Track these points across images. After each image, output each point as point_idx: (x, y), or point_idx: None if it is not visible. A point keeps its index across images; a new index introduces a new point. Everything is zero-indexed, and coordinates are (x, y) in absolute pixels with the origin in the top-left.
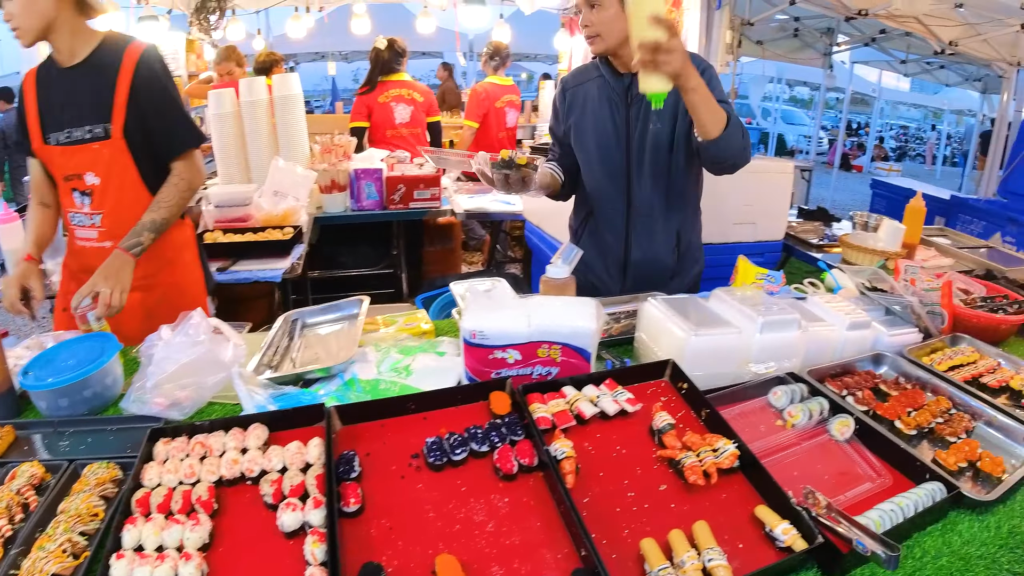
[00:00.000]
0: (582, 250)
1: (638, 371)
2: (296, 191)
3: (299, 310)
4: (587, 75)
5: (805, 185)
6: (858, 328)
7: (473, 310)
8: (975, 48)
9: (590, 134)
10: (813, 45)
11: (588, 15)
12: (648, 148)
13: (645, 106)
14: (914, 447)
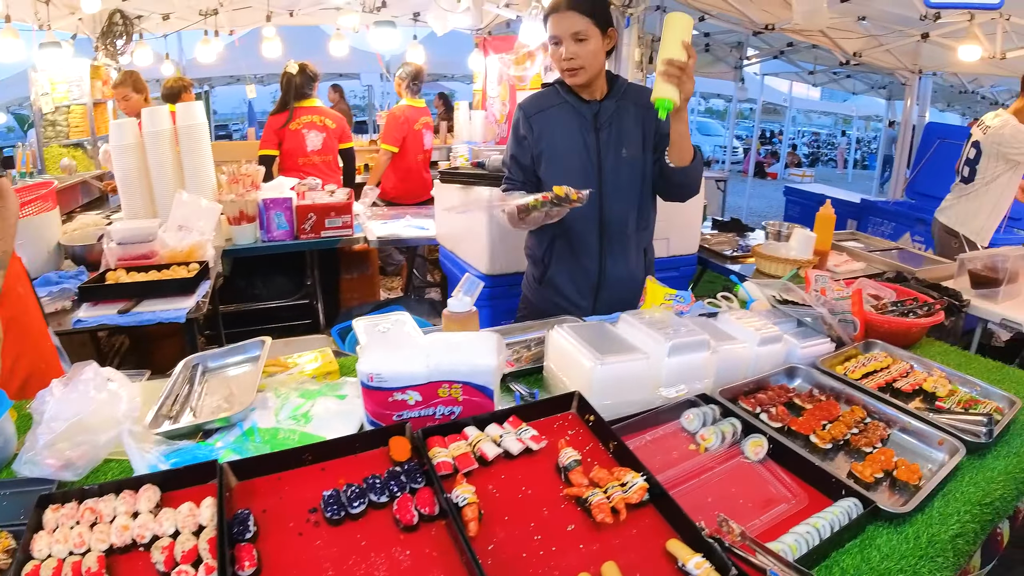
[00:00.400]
0: (482, 283)
1: (544, 405)
2: (201, 225)
3: (200, 354)
4: (548, 101)
5: (721, 195)
6: (770, 343)
7: (369, 352)
8: (879, 58)
9: (562, 159)
10: (724, 59)
11: (574, 48)
12: (620, 170)
13: (615, 131)
14: (830, 460)
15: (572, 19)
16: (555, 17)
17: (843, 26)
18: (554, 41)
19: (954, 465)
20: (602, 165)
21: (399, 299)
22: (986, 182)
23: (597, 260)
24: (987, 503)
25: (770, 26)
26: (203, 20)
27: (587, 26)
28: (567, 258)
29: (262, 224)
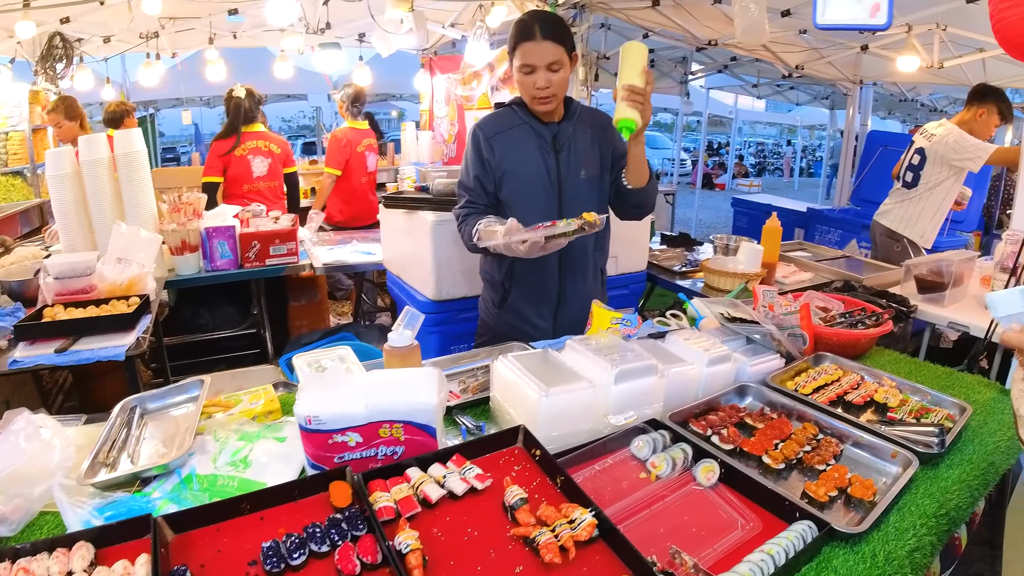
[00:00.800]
0: (423, 315)
1: (489, 441)
2: (141, 256)
3: (139, 396)
4: (507, 122)
5: (670, 208)
6: (719, 363)
7: (306, 393)
8: (820, 70)
9: (526, 180)
10: (669, 74)
11: (548, 76)
12: (579, 192)
13: (573, 154)
14: (784, 480)
15: (549, 49)
16: (530, 46)
17: (785, 40)
18: (526, 71)
19: (908, 478)
20: (562, 186)
21: (349, 325)
22: (929, 187)
23: (557, 282)
24: (943, 514)
25: (713, 42)
26: (144, 43)
27: (561, 55)
28: (527, 281)
29: (205, 253)
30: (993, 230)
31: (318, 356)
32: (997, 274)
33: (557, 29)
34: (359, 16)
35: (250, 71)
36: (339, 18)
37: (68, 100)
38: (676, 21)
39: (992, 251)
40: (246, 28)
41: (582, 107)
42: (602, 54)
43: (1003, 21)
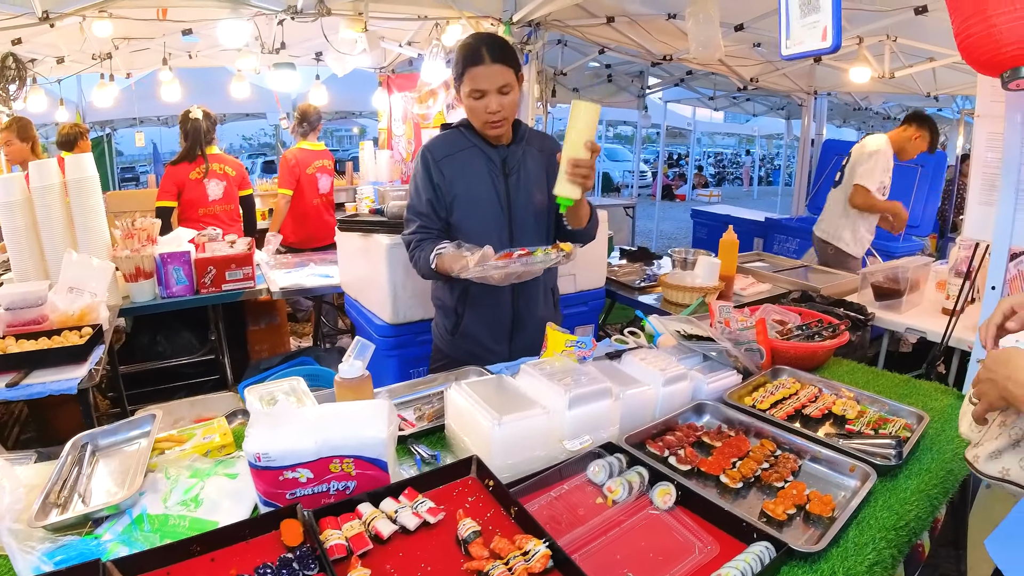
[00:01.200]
0: (374, 345)
1: (442, 472)
2: (93, 285)
3: (90, 432)
4: (455, 145)
5: (630, 221)
6: (675, 382)
7: (255, 430)
8: (775, 81)
9: (477, 204)
10: (627, 88)
11: (500, 100)
12: (528, 215)
13: (523, 177)
14: (743, 499)
15: (500, 72)
16: (479, 70)
17: (740, 53)
18: (477, 95)
19: (867, 491)
20: (512, 210)
21: (308, 349)
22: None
23: (510, 306)
24: (902, 526)
25: (668, 57)
26: (98, 63)
27: (510, 77)
28: (481, 306)
29: (160, 280)
30: (948, 233)
31: (270, 388)
32: (952, 279)
33: (505, 51)
34: (314, 36)
35: (207, 91)
36: (294, 38)
37: (23, 121)
38: (631, 37)
39: (947, 254)
40: (201, 48)
41: (530, 130)
42: (559, 70)
43: (969, 39)
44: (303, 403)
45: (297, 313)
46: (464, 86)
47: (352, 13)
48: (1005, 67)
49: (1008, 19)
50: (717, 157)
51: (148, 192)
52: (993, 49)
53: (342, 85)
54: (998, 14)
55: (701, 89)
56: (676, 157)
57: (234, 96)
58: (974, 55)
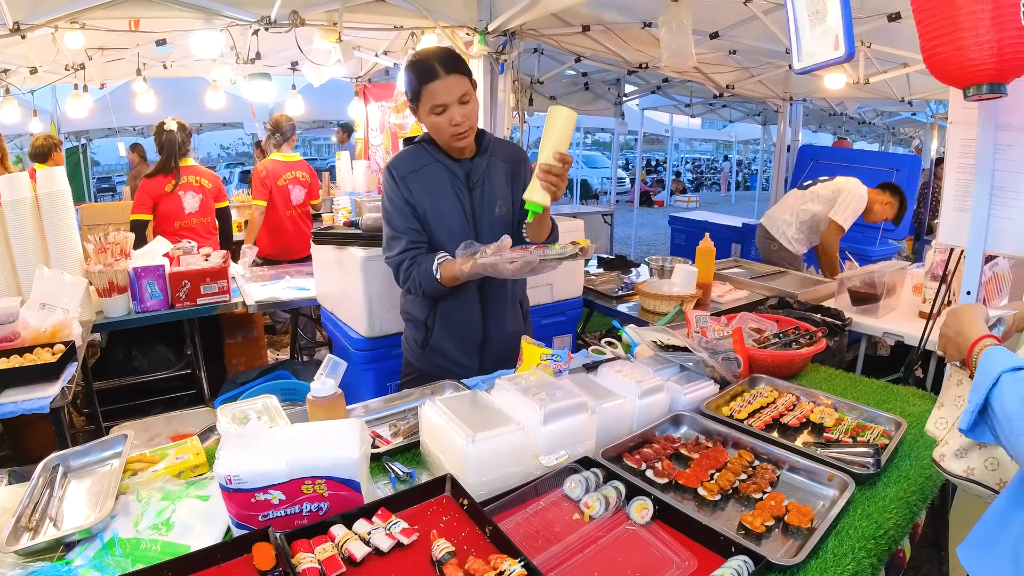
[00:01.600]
0: (345, 363)
1: (416, 492)
2: (66, 301)
3: (61, 453)
4: (420, 161)
5: (608, 229)
6: (652, 394)
7: (225, 452)
8: (751, 88)
9: (444, 220)
10: (604, 96)
11: (462, 111)
12: (494, 228)
13: (487, 190)
14: (721, 511)
15: (458, 82)
16: (436, 85)
17: (716, 60)
18: (439, 110)
19: (845, 501)
20: (478, 224)
21: (285, 363)
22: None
23: (480, 319)
24: (881, 534)
25: (644, 65)
26: (72, 74)
27: (467, 86)
28: (451, 321)
29: (134, 294)
30: (924, 236)
31: (243, 407)
32: (928, 282)
33: (457, 62)
34: (289, 46)
35: (182, 100)
36: (269, 48)
37: None
38: (607, 46)
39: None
40: (176, 58)
41: (495, 140)
42: (536, 79)
43: (934, 57)
44: (276, 422)
45: (275, 325)
46: (423, 104)
47: (326, 23)
48: (969, 82)
49: (974, 41)
50: (695, 163)
51: (123, 204)
52: (960, 66)
53: (319, 95)
54: (968, 36)
55: (678, 96)
56: (654, 163)
57: (209, 106)
58: (940, 70)
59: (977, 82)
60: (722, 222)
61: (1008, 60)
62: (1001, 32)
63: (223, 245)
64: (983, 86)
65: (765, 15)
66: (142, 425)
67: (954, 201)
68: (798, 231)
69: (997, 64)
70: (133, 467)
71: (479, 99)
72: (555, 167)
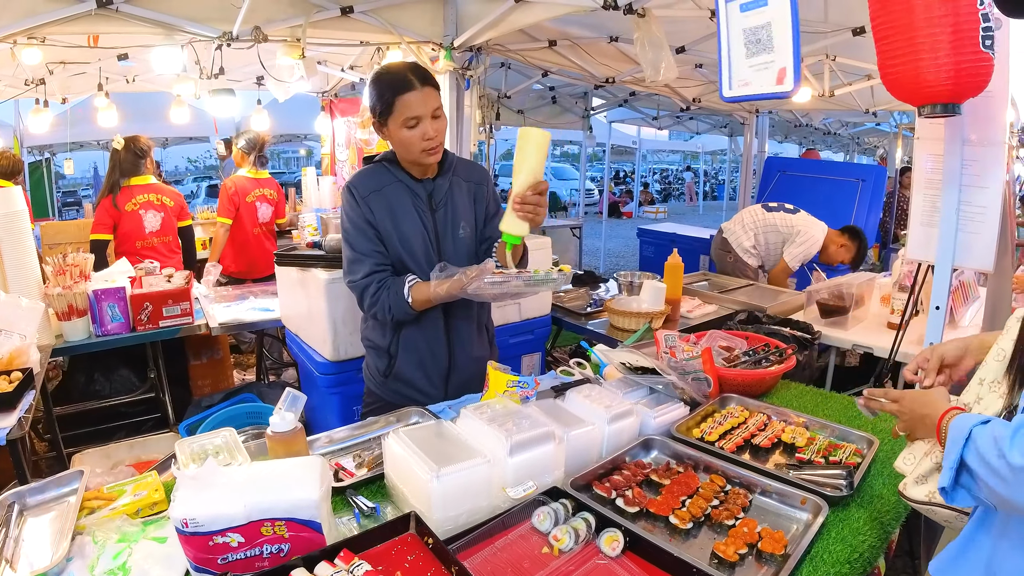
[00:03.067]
0: (305, 397)
1: (379, 531)
2: (22, 326)
3: (16, 490)
4: (381, 180)
5: (576, 242)
6: (621, 419)
7: (181, 494)
8: (717, 102)
9: (406, 241)
10: (571, 110)
11: (435, 125)
12: (458, 250)
13: (450, 211)
14: (694, 539)
15: (432, 95)
16: (412, 97)
17: (682, 74)
18: (412, 123)
19: (819, 526)
20: (441, 246)
21: (251, 385)
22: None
23: (445, 346)
24: (856, 558)
25: (610, 79)
26: (32, 88)
27: (439, 100)
28: (415, 348)
29: (94, 317)
30: (890, 244)
31: (202, 442)
32: (896, 293)
33: (430, 76)
34: (253, 61)
35: (146, 115)
36: (233, 63)
37: None
38: (574, 60)
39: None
40: (139, 72)
41: (458, 160)
42: (503, 93)
43: (891, 75)
44: (235, 458)
45: (241, 344)
46: (395, 116)
47: (290, 39)
48: (924, 102)
49: (932, 63)
50: (663, 173)
51: (84, 223)
52: (916, 86)
53: (285, 110)
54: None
55: (645, 109)
56: (622, 175)
57: (174, 121)
58: (897, 88)
59: (932, 101)
60: (690, 234)
61: (964, 82)
62: (959, 56)
63: (187, 265)
64: (937, 106)
65: None
66: (104, 452)
67: (922, 216)
68: (754, 249)
69: (953, 86)
70: (90, 505)
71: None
72: (530, 197)
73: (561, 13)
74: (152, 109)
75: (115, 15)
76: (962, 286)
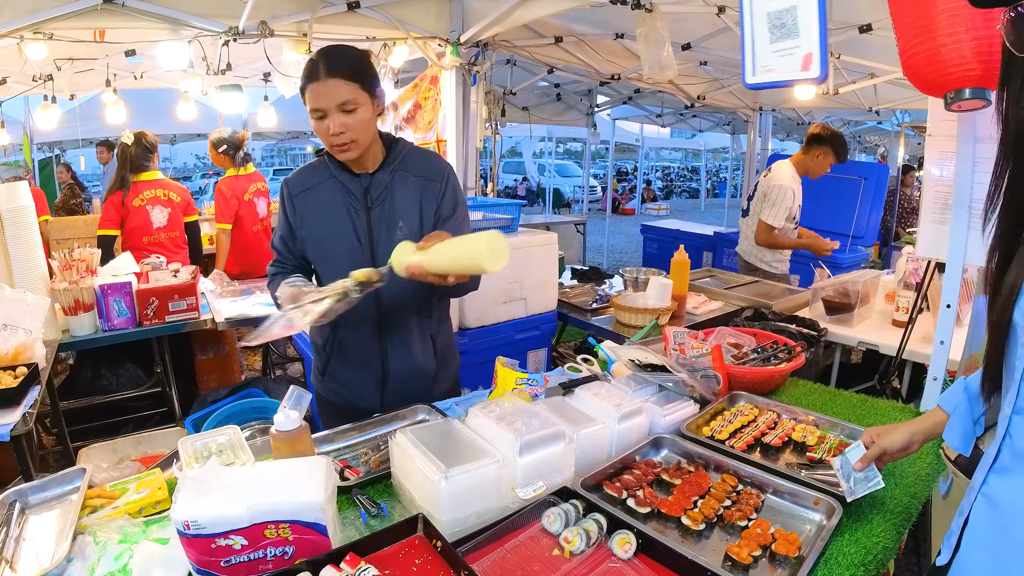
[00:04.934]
0: (311, 395)
1: (386, 533)
2: (28, 322)
3: (18, 488)
4: (316, 177)
5: (580, 238)
6: (631, 418)
7: (182, 495)
8: (721, 99)
9: (331, 243)
10: (576, 107)
11: (341, 119)
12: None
13: (388, 208)
14: (706, 540)
15: (336, 87)
16: (315, 87)
17: (687, 72)
18: (317, 115)
19: (833, 527)
20: (375, 248)
21: (256, 380)
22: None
23: (379, 355)
24: (870, 560)
25: (616, 76)
26: (40, 84)
27: (355, 92)
28: (349, 352)
29: (101, 312)
30: (891, 242)
31: (206, 440)
32: (901, 291)
33: (346, 64)
34: (261, 57)
35: (154, 112)
36: (240, 59)
37: None
38: (579, 57)
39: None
40: (147, 69)
41: (409, 152)
42: (508, 90)
43: (914, 58)
44: (238, 457)
45: None
46: (308, 107)
47: (296, 34)
48: (948, 88)
49: (953, 42)
50: (665, 171)
51: (92, 218)
52: (937, 70)
53: (291, 106)
54: (944, 36)
55: (649, 107)
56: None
57: (181, 117)
58: (918, 75)
59: (956, 87)
60: (693, 230)
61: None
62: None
63: (193, 260)
64: (965, 91)
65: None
66: (110, 447)
67: (932, 214)
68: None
69: (979, 65)
70: (92, 503)
71: (450, 110)
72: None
73: (567, 8)
74: (159, 106)
75: (121, 10)
76: (966, 284)
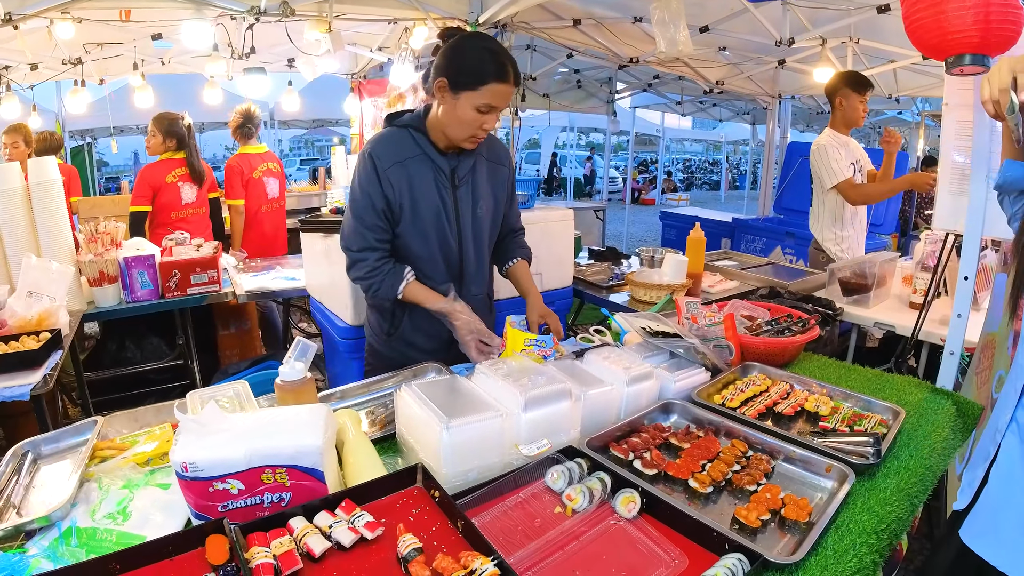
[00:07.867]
0: (316, 345)
1: (384, 482)
2: (53, 289)
3: (32, 439)
4: (404, 151)
5: (600, 224)
6: (640, 381)
7: (182, 438)
8: (740, 85)
9: (422, 217)
10: (596, 94)
11: (495, 120)
12: (476, 229)
13: (471, 189)
14: (713, 504)
15: (511, 94)
16: (502, 88)
17: (705, 56)
18: (485, 109)
19: (844, 493)
20: (460, 223)
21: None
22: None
23: None
24: (883, 529)
25: (635, 59)
26: (70, 68)
27: None
28: (420, 312)
29: (125, 284)
30: (910, 232)
31: (214, 392)
32: (919, 273)
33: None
34: (284, 41)
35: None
36: (264, 43)
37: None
38: (598, 40)
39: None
40: (174, 54)
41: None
42: (528, 75)
43: (916, 23)
44: (244, 409)
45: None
46: (474, 96)
47: (317, 14)
48: (950, 52)
49: (956, 7)
50: (686, 163)
51: (121, 198)
52: (940, 34)
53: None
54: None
55: (669, 94)
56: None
57: (207, 103)
58: (922, 39)
59: (957, 52)
60: (713, 217)
61: (993, 31)
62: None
63: (216, 236)
64: (965, 56)
65: (755, 7)
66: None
67: (950, 185)
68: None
69: (981, 33)
70: (102, 454)
71: None
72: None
73: None
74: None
75: None
76: (984, 269)
